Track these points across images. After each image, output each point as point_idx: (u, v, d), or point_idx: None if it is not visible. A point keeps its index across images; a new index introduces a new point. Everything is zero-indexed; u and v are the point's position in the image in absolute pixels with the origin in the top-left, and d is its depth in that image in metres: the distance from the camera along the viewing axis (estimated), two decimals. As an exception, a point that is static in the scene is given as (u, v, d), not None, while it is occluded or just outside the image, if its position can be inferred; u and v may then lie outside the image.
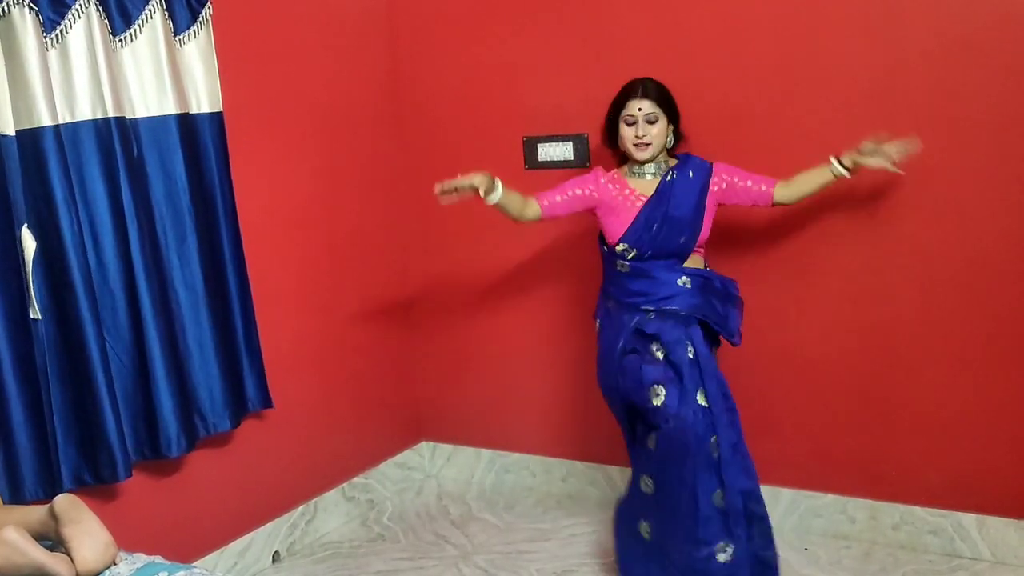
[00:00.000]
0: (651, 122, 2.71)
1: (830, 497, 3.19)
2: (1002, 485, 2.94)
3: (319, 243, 3.41)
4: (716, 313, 2.75)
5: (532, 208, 2.81)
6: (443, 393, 3.92)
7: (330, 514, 3.51)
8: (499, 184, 2.71)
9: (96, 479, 2.61)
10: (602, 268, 2.91)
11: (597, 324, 2.92)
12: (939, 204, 2.86)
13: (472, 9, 3.51)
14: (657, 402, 2.62)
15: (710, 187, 2.76)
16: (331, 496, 3.51)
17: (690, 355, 2.66)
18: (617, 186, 2.79)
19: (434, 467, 3.99)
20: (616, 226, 2.78)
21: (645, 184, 2.79)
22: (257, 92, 3.13)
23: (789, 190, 2.76)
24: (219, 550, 3.07)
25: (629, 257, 2.77)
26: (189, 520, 2.96)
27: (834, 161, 2.69)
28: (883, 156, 2.63)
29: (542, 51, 3.40)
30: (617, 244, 2.78)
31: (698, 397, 2.62)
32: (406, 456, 3.90)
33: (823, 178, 2.73)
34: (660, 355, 2.68)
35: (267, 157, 3.19)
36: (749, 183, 2.77)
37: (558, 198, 2.81)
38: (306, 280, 3.37)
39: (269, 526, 3.25)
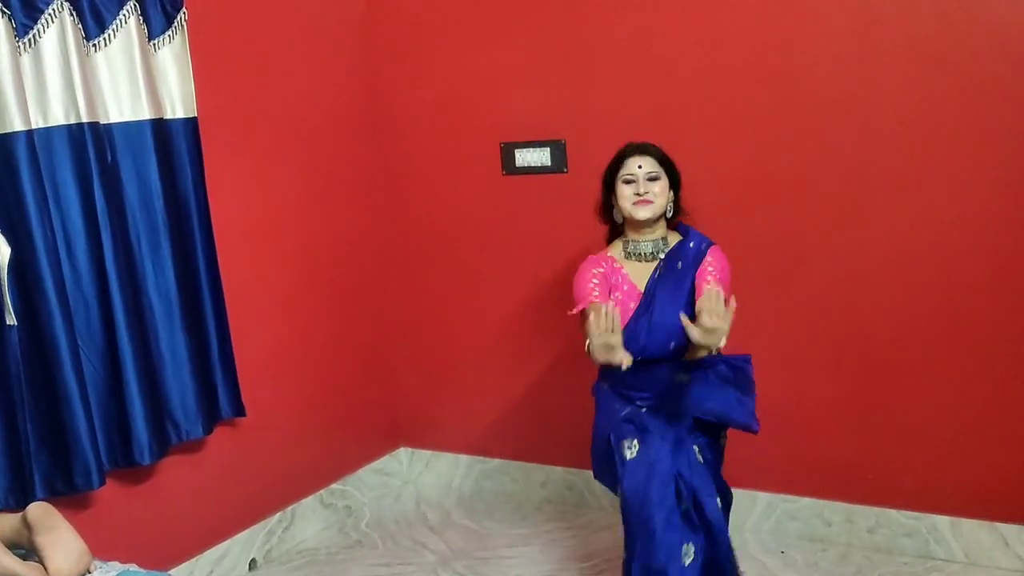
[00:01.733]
0: (652, 179, 2.53)
1: (806, 500, 3.21)
2: (975, 488, 2.96)
3: (295, 249, 3.40)
4: (718, 406, 2.48)
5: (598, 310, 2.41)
6: (421, 399, 3.91)
7: (307, 521, 3.49)
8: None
9: (69, 487, 2.57)
10: None
11: (595, 397, 2.73)
12: (914, 214, 2.89)
13: (449, 15, 3.51)
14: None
15: (701, 271, 2.53)
16: (308, 503, 3.50)
17: (666, 467, 2.38)
18: (615, 276, 2.59)
19: (412, 473, 3.98)
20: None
21: (639, 269, 2.59)
22: (233, 98, 3.12)
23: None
24: (195, 558, 3.05)
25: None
26: (164, 528, 2.93)
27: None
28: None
29: (519, 57, 3.41)
30: None
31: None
32: (384, 462, 3.89)
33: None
34: (632, 454, 2.45)
35: (243, 163, 3.17)
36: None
37: (595, 291, 2.54)
38: (281, 287, 3.36)
39: (246, 533, 3.23)
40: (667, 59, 3.13)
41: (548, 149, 3.41)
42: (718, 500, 2.43)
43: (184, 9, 2.83)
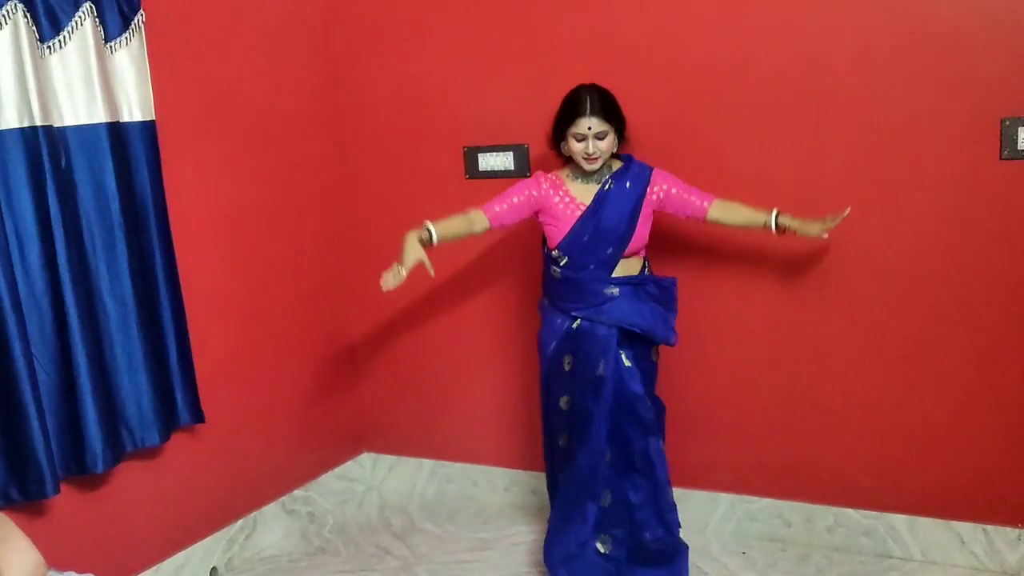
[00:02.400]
0: (600, 137, 2.74)
1: (766, 501, 3.24)
2: (931, 487, 3.01)
3: (255, 253, 3.37)
4: (644, 320, 2.81)
5: (480, 222, 2.84)
6: (384, 404, 3.90)
7: (270, 528, 3.46)
8: (432, 229, 2.77)
9: (24, 495, 2.54)
10: (543, 269, 2.97)
11: (540, 313, 3.02)
12: (866, 208, 2.92)
13: (410, 18, 3.51)
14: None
15: (648, 195, 2.81)
16: (270, 510, 3.47)
17: (600, 371, 2.79)
18: (559, 192, 2.83)
19: (376, 478, 3.97)
20: (555, 233, 2.84)
21: (585, 189, 2.83)
22: (191, 100, 3.09)
23: (724, 212, 2.82)
24: (155, 566, 3.01)
25: (562, 263, 2.83)
26: (122, 536, 2.90)
27: (773, 216, 2.77)
28: (820, 228, 2.76)
29: (481, 61, 3.41)
30: (554, 250, 2.85)
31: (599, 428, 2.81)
32: (347, 468, 3.87)
33: (755, 220, 2.81)
34: (567, 367, 2.88)
35: (202, 166, 3.15)
36: (686, 195, 2.82)
37: (501, 207, 2.85)
38: (241, 291, 3.33)
39: (206, 541, 3.20)
40: (628, 62, 3.15)
41: (511, 153, 3.42)
42: (642, 385, 2.84)
43: (142, 11, 2.80)
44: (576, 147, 2.76)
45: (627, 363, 2.82)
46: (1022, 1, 2.67)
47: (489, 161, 3.47)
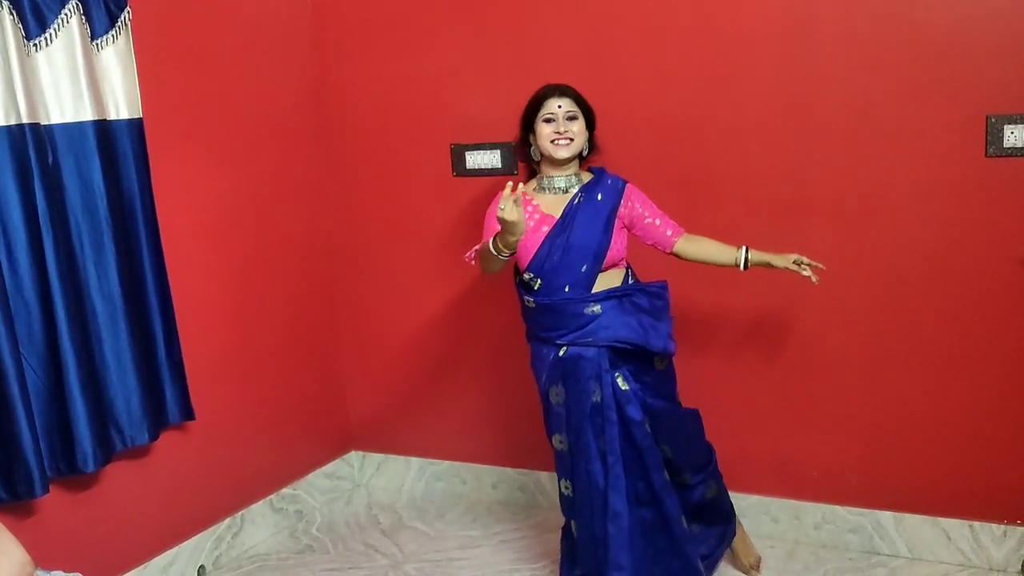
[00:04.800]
0: (571, 119, 2.65)
1: (754, 498, 3.25)
2: (917, 484, 3.03)
3: (244, 251, 3.37)
4: (633, 333, 2.63)
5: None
6: (372, 402, 3.89)
7: (258, 526, 3.46)
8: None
9: (12, 495, 2.53)
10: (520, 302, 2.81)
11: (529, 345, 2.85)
12: (852, 211, 2.95)
13: (398, 17, 3.50)
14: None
15: (619, 209, 2.67)
16: (258, 508, 3.46)
17: (596, 399, 2.63)
18: (527, 208, 2.65)
19: (364, 476, 3.96)
20: (523, 252, 2.66)
21: (553, 201, 2.68)
22: (179, 98, 3.08)
23: (689, 248, 2.72)
24: (142, 566, 3.01)
25: (536, 288, 2.67)
26: (109, 536, 2.89)
27: (742, 253, 2.66)
28: (791, 261, 2.61)
29: (469, 59, 3.41)
30: (525, 272, 2.70)
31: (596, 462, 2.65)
32: (335, 466, 3.87)
33: (723, 258, 2.69)
34: (556, 399, 2.71)
35: (190, 164, 3.13)
36: (657, 222, 2.71)
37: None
38: (230, 289, 3.32)
39: (194, 540, 3.19)
40: (615, 64, 3.16)
41: (498, 151, 3.42)
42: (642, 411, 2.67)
43: (128, 8, 2.78)
44: (545, 130, 2.64)
45: (624, 386, 2.66)
46: None
47: (476, 159, 3.47)
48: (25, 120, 2.50)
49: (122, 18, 2.77)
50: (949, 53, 2.76)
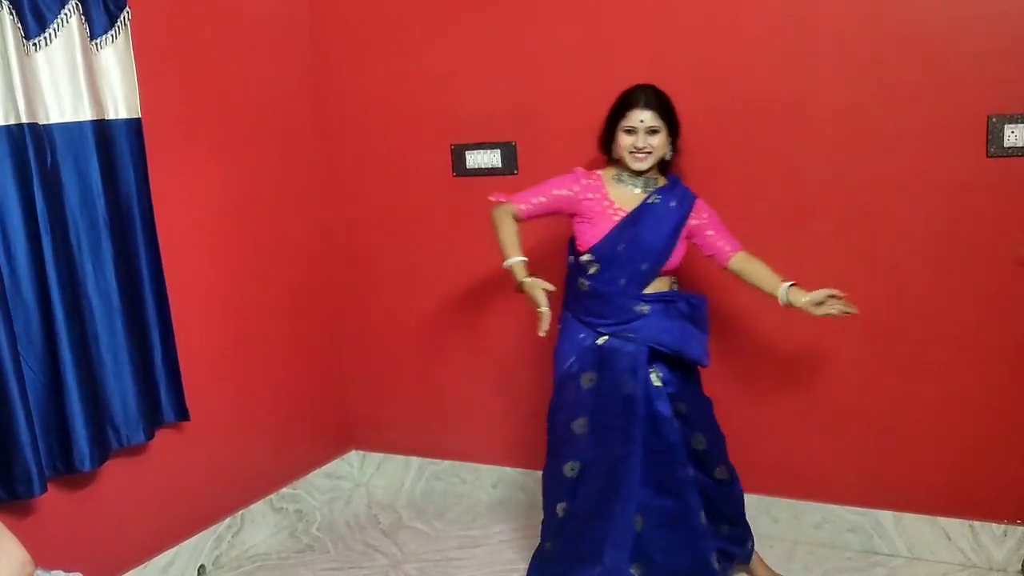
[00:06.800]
0: (652, 132, 2.62)
1: (754, 497, 3.23)
2: (917, 483, 3.03)
3: (241, 251, 3.37)
4: (674, 339, 2.67)
5: (514, 214, 2.69)
6: (371, 401, 3.89)
7: (257, 526, 3.46)
8: (518, 260, 2.65)
9: (10, 495, 2.53)
10: (565, 278, 2.82)
11: (559, 325, 2.84)
12: (852, 211, 2.95)
13: (398, 17, 3.50)
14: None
15: (689, 219, 2.70)
16: (258, 507, 3.46)
17: (629, 390, 2.66)
18: (596, 194, 2.69)
19: (363, 476, 3.96)
20: (588, 235, 2.70)
21: (626, 196, 2.70)
22: (178, 98, 3.08)
23: (743, 267, 2.71)
24: (142, 565, 3.01)
25: (591, 272, 2.69)
26: (109, 535, 2.89)
27: (784, 289, 2.62)
28: (829, 308, 2.59)
29: (469, 59, 3.41)
30: (584, 254, 2.70)
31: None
32: (335, 465, 3.87)
33: (767, 286, 2.67)
34: (588, 385, 2.72)
35: (188, 164, 3.13)
36: (718, 235, 2.73)
37: (536, 200, 2.70)
38: (228, 288, 3.32)
39: (194, 539, 3.19)
40: (616, 61, 3.15)
41: (499, 151, 3.42)
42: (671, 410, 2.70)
43: (128, 8, 2.78)
44: (625, 141, 2.63)
45: (657, 383, 2.69)
46: None
47: (476, 159, 3.47)
48: (24, 120, 2.50)
49: (121, 18, 2.77)
50: (951, 53, 2.76)
